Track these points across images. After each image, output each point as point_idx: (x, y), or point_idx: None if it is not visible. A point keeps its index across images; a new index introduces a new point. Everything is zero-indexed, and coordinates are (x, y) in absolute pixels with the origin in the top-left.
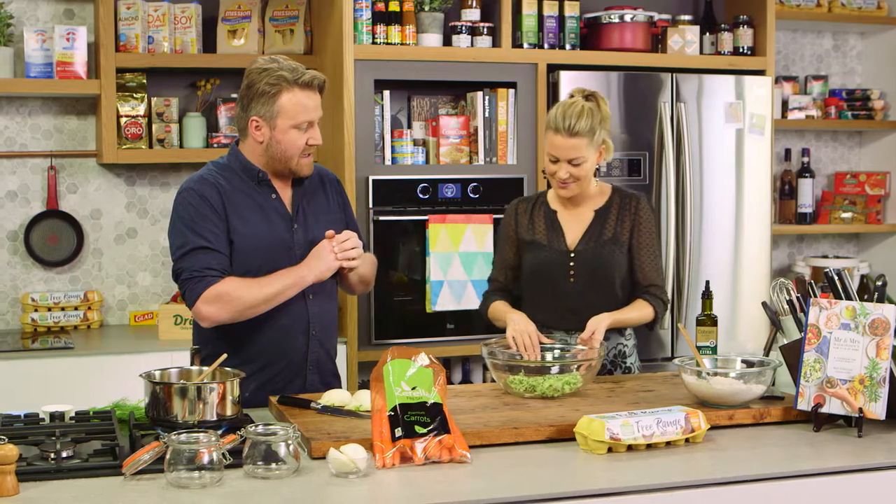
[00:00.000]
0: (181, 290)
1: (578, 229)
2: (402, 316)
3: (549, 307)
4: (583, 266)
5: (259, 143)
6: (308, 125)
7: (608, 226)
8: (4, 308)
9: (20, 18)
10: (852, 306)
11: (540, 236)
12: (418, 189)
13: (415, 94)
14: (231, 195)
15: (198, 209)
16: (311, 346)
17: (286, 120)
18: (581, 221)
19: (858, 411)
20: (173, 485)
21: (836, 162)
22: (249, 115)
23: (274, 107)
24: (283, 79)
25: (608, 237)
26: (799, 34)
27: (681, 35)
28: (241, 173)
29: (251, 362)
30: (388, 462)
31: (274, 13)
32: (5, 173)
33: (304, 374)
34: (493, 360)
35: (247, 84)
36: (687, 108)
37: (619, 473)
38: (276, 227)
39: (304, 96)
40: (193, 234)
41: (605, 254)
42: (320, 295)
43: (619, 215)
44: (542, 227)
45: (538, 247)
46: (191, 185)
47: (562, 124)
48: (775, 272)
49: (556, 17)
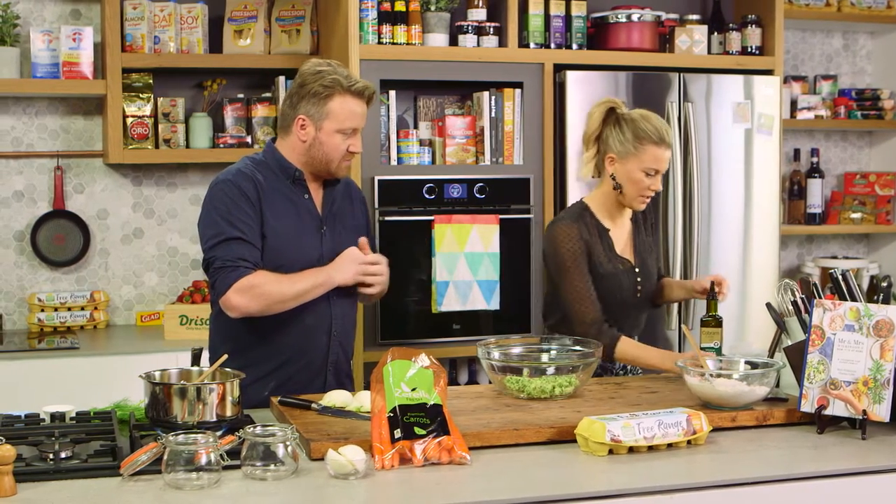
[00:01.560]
0: (212, 278)
1: (627, 242)
2: (408, 316)
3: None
4: (645, 279)
5: (302, 142)
6: (352, 132)
7: (640, 228)
8: (11, 308)
9: (27, 19)
10: (856, 308)
11: (606, 264)
12: (424, 189)
13: (421, 95)
14: (267, 191)
15: (234, 201)
16: (331, 346)
17: (333, 123)
18: (624, 232)
19: (862, 413)
20: (171, 486)
21: (845, 162)
22: (297, 113)
23: (324, 109)
24: (338, 83)
25: (644, 238)
26: (808, 34)
27: (689, 35)
28: (277, 170)
29: (270, 362)
30: (387, 463)
31: (280, 13)
32: (12, 173)
33: (324, 375)
34: (489, 361)
35: (299, 83)
36: (695, 107)
37: (619, 475)
38: (306, 227)
39: (355, 103)
40: (229, 224)
41: (652, 256)
42: (343, 296)
43: (644, 218)
44: (603, 248)
45: (613, 269)
46: (228, 178)
47: (666, 137)
48: (784, 273)
49: (562, 17)
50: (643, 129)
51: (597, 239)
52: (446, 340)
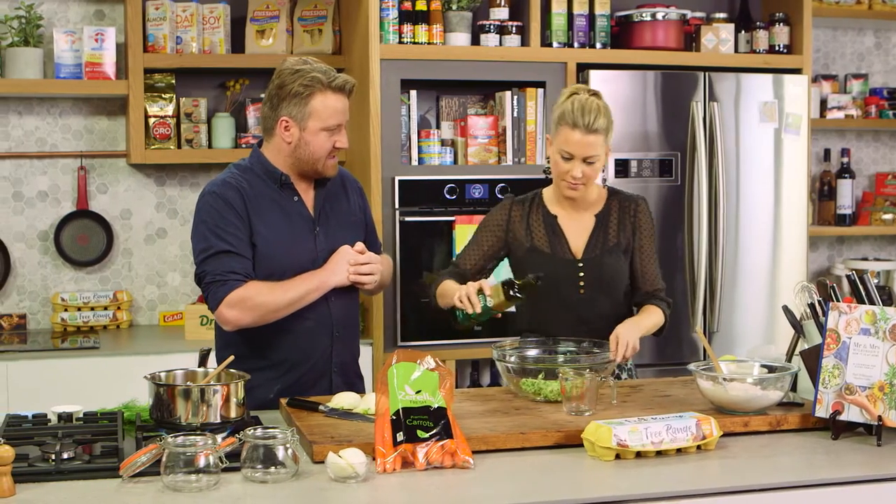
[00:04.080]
0: (204, 293)
1: (582, 236)
2: (428, 317)
3: (557, 317)
4: (592, 275)
5: (287, 144)
6: (337, 128)
7: (611, 231)
8: (35, 308)
9: (50, 20)
10: (872, 311)
11: (541, 243)
12: (445, 189)
13: (443, 94)
14: (253, 198)
15: (220, 213)
16: (335, 348)
17: (317, 122)
18: (583, 227)
19: (878, 419)
20: (169, 488)
21: (877, 162)
22: (279, 115)
23: (306, 108)
24: (317, 80)
25: (613, 244)
26: (840, 32)
27: (715, 33)
28: (263, 176)
29: (275, 366)
30: (388, 467)
31: (302, 13)
32: (36, 173)
33: (329, 377)
34: (505, 364)
35: (277, 84)
36: (722, 107)
37: (624, 480)
38: (298, 231)
39: (336, 99)
40: (216, 237)
41: (612, 262)
42: (342, 296)
43: (620, 220)
44: (543, 234)
45: (540, 255)
46: (213, 189)
47: (581, 120)
48: (814, 275)
49: (586, 16)
50: (565, 110)
51: (538, 219)
52: (468, 342)
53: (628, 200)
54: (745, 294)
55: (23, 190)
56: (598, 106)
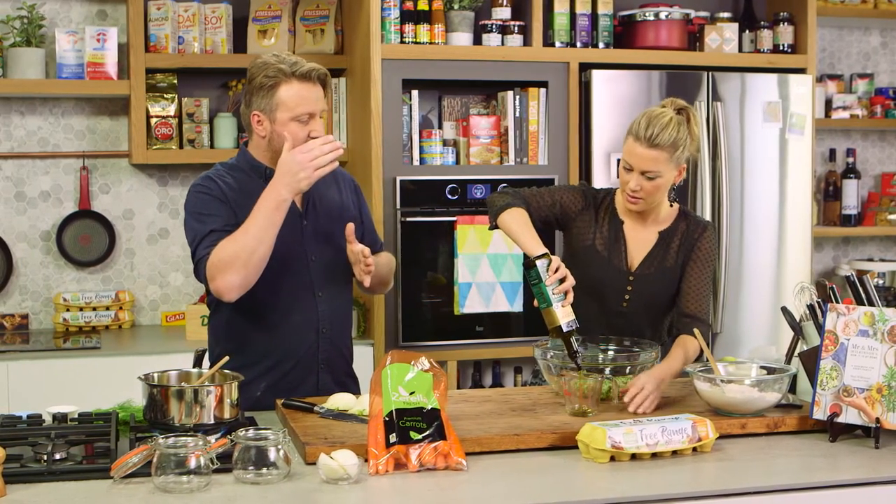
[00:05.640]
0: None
1: (642, 250)
2: (430, 318)
3: (592, 320)
4: (639, 290)
5: (262, 138)
6: (309, 117)
7: (671, 252)
8: (37, 308)
9: (52, 20)
10: (871, 312)
11: (601, 245)
12: (447, 190)
13: (445, 94)
14: (238, 194)
15: (203, 202)
16: (321, 344)
17: (285, 112)
18: (646, 241)
19: (876, 421)
20: (160, 489)
21: (883, 162)
22: (251, 110)
23: (273, 100)
24: (281, 71)
25: (670, 264)
26: (845, 31)
27: (719, 33)
28: (249, 172)
29: (260, 362)
30: (380, 469)
31: (304, 13)
32: (38, 174)
33: (316, 374)
34: (546, 362)
35: (248, 79)
36: (726, 107)
37: (618, 483)
38: (285, 224)
39: (303, 88)
40: (201, 223)
41: (664, 283)
42: (331, 292)
43: (682, 242)
44: (606, 236)
45: (597, 256)
46: (197, 183)
47: (643, 133)
48: (819, 275)
49: (588, 15)
50: (636, 119)
51: (605, 219)
52: (470, 342)
53: (696, 224)
54: (749, 295)
55: (25, 190)
56: (669, 120)
